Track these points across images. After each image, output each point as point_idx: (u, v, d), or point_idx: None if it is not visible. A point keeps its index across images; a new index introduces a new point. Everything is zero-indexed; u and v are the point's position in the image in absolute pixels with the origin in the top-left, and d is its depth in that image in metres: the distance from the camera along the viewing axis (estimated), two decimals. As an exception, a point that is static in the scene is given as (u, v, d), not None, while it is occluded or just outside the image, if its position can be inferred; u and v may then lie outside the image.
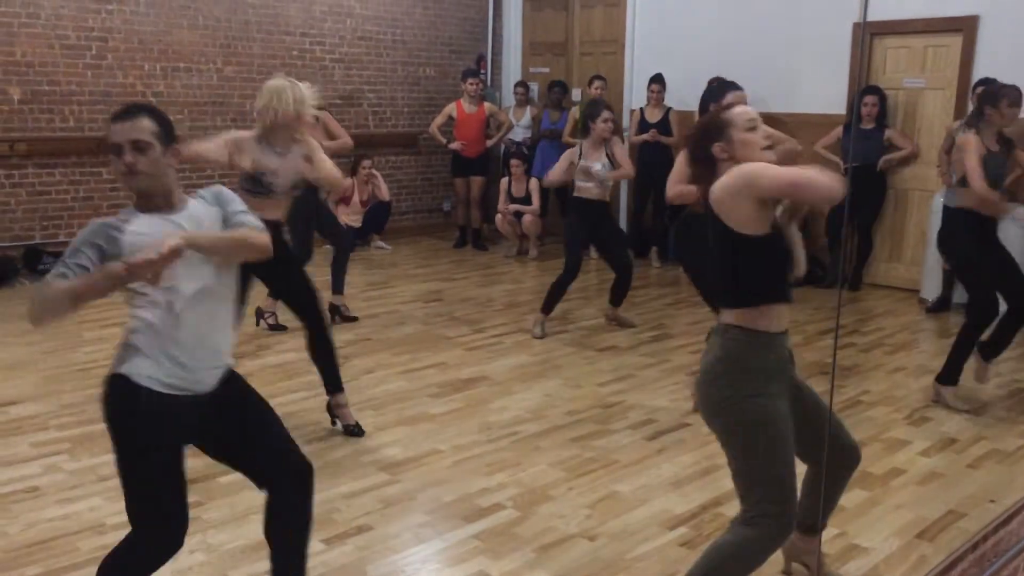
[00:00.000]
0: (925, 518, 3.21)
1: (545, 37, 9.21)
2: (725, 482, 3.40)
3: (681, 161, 3.99)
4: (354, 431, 3.90)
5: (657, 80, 7.58)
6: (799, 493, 2.42)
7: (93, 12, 6.85)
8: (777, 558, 2.63)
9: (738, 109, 2.46)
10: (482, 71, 9.14)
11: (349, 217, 8.28)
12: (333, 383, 3.94)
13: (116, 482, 3.33)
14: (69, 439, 3.77)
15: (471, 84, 8.16)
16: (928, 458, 3.77)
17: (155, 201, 2.27)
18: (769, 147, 2.40)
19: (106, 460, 3.54)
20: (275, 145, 3.75)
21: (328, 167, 3.84)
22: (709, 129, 2.43)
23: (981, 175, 4.12)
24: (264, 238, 2.24)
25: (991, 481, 3.54)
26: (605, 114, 5.41)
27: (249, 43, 7.68)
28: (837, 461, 2.51)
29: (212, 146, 3.72)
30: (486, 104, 8.34)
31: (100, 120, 6.93)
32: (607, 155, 5.46)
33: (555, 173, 5.54)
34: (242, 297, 3.90)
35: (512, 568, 2.85)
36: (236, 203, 2.33)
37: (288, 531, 2.42)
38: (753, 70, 7.40)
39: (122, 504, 2.51)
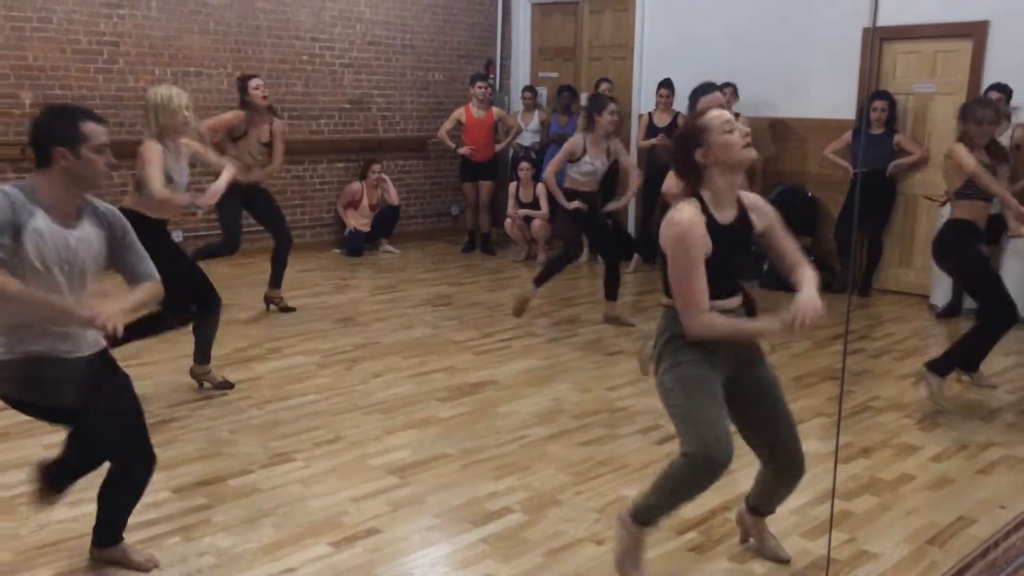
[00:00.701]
0: (936, 524, 3.20)
1: (554, 42, 9.22)
2: (735, 487, 3.41)
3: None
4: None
5: (666, 85, 7.58)
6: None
7: (105, 17, 6.89)
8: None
9: (713, 113, 2.56)
10: (491, 76, 9.16)
11: (358, 221, 8.31)
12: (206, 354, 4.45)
13: (126, 484, 3.35)
14: (80, 441, 3.78)
15: (480, 88, 8.17)
16: (939, 463, 3.75)
17: (75, 203, 2.59)
18: (748, 145, 2.54)
19: (116, 462, 3.57)
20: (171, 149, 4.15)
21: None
22: (688, 138, 2.55)
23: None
24: (158, 288, 2.78)
25: (1002, 487, 3.53)
26: (611, 107, 5.47)
27: (259, 48, 7.71)
28: (781, 467, 2.75)
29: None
30: (495, 109, 8.35)
31: (111, 124, 6.94)
32: (607, 151, 5.51)
33: (555, 164, 5.65)
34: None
35: (520, 572, 2.85)
36: (128, 234, 2.72)
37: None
38: (763, 75, 7.41)
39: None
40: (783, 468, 2.75)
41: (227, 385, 4.47)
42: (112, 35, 6.94)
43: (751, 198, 2.70)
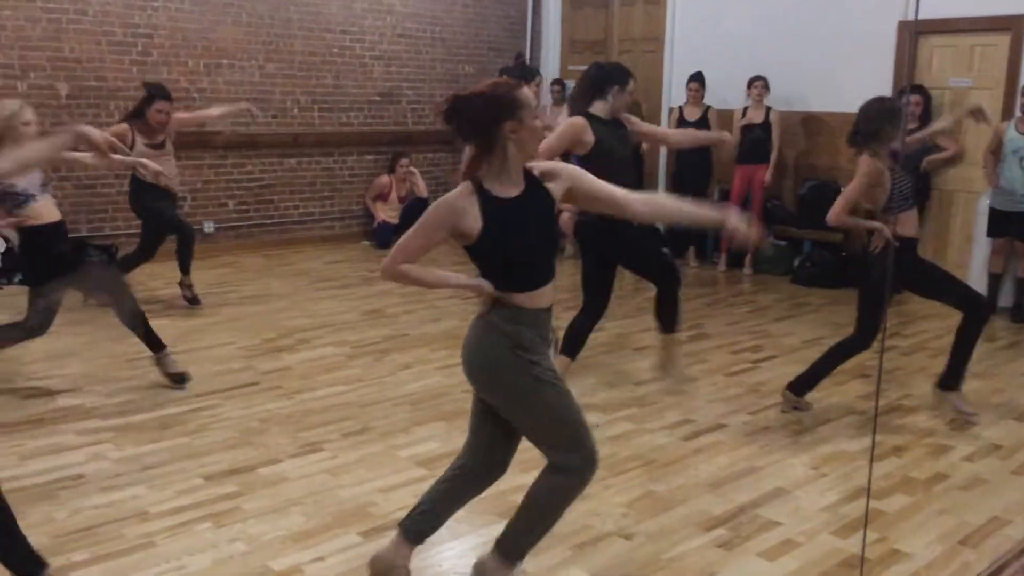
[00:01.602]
0: (969, 524, 3.15)
1: (584, 35, 9.18)
2: (763, 483, 3.39)
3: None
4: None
5: (696, 79, 7.52)
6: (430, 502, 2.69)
7: (139, 9, 6.96)
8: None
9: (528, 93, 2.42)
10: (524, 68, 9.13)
11: (387, 213, 8.34)
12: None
13: (159, 471, 3.41)
14: (114, 428, 3.84)
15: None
16: (972, 463, 3.70)
17: None
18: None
19: (150, 450, 3.62)
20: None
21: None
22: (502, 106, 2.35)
23: None
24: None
25: (1037, 488, 3.48)
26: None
27: (291, 40, 7.76)
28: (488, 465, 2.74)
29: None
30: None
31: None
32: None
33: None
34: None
35: (547, 565, 2.85)
36: None
37: None
38: (795, 69, 7.34)
39: (165, 492, 2.55)
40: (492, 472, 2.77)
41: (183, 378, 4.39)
42: (147, 27, 7.02)
43: (541, 166, 2.51)
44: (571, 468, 2.50)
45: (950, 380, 4.19)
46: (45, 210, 4.06)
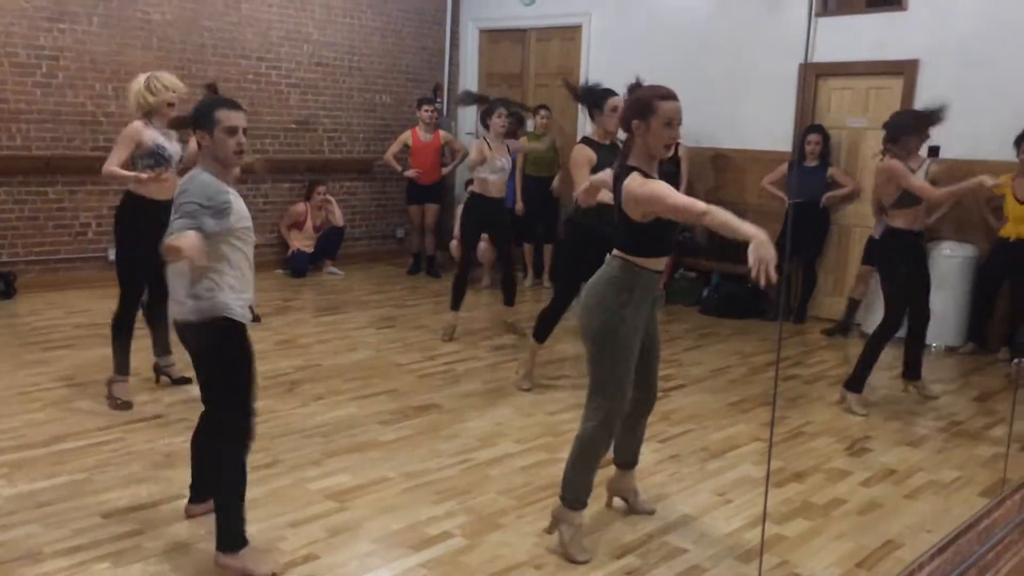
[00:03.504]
0: (865, 547, 3.28)
1: (502, 67, 9.32)
2: (671, 510, 3.46)
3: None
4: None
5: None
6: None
7: (44, 31, 6.76)
8: (600, 493, 3.31)
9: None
10: (438, 99, 9.20)
11: (302, 242, 8.24)
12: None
13: (55, 508, 3.28)
14: (6, 463, 3.68)
15: (426, 112, 8.22)
16: (868, 488, 3.86)
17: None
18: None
19: (45, 486, 3.47)
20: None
21: None
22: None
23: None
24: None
25: (928, 511, 3.64)
26: (500, 110, 6.02)
27: (204, 66, 7.64)
28: (643, 399, 3.28)
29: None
30: (441, 132, 8.39)
31: (48, 139, 6.82)
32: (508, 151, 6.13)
33: (473, 158, 5.99)
34: None
35: (459, 597, 2.84)
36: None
37: None
38: (704, 108, 7.58)
39: (61, 531, 2.45)
40: (646, 402, 3.30)
41: (186, 380, 4.58)
42: (52, 49, 6.81)
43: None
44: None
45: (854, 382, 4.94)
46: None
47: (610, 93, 4.64)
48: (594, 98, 4.65)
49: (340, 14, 8.54)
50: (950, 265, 6.33)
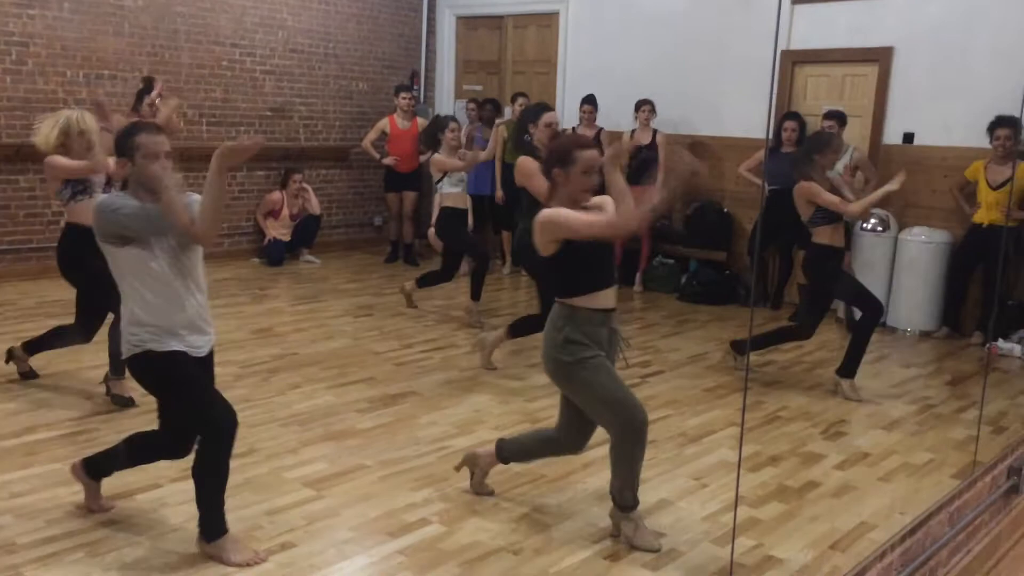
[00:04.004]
0: (838, 530, 3.32)
1: (479, 55, 9.28)
2: (648, 495, 3.48)
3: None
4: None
5: (589, 101, 7.69)
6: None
7: (14, 17, 6.65)
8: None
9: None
10: (415, 87, 9.16)
11: (278, 230, 8.19)
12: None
13: (28, 499, 3.24)
14: (-22, 456, 3.64)
15: (404, 99, 8.18)
16: (842, 471, 3.90)
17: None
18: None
19: (18, 476, 3.44)
20: None
21: None
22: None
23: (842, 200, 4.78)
24: None
25: (901, 493, 3.69)
26: (452, 124, 6.08)
27: (177, 52, 7.55)
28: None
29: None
30: (419, 119, 8.36)
31: (19, 126, 6.72)
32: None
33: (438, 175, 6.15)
34: None
35: (437, 583, 2.85)
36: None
37: None
38: (682, 95, 7.62)
39: (34, 522, 2.43)
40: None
41: (130, 402, 4.28)
42: (22, 35, 6.70)
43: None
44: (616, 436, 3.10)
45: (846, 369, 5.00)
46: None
47: (545, 108, 5.16)
48: (531, 113, 5.15)
49: (315, 0, 8.46)
50: (924, 251, 6.40)
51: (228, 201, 8.09)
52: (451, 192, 6.16)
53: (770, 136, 6.99)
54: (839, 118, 6.51)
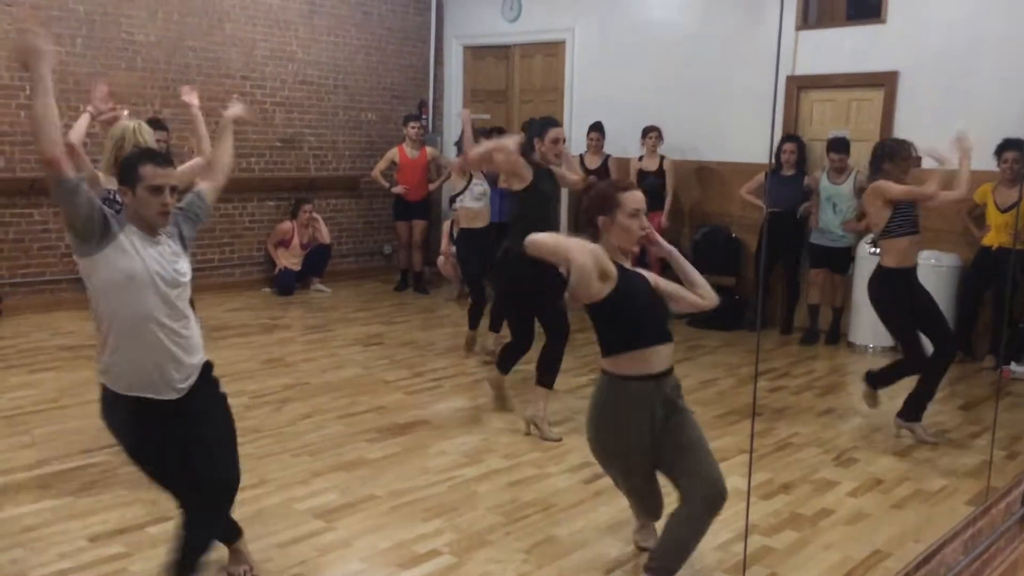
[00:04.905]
0: (852, 558, 3.29)
1: (486, 84, 9.36)
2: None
3: None
4: None
5: (596, 128, 7.75)
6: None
7: (28, 52, 6.74)
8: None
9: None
10: (424, 116, 9.24)
11: (289, 260, 8.24)
12: None
13: (40, 532, 3.25)
14: (-9, 489, 3.65)
15: (412, 128, 8.25)
16: (856, 498, 3.87)
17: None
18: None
19: (30, 510, 3.45)
20: None
21: None
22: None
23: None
24: None
25: (915, 521, 3.65)
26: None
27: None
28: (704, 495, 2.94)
29: None
30: (428, 148, 8.42)
31: (32, 161, 6.80)
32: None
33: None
34: None
35: (448, 615, 2.83)
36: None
37: None
38: (688, 121, 7.66)
39: (46, 555, 2.43)
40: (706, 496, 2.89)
41: None
42: (35, 70, 6.79)
43: None
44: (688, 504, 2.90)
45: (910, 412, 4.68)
46: None
47: (552, 123, 4.87)
48: (537, 128, 4.88)
49: (324, 33, 8.57)
50: (934, 274, 6.36)
51: (239, 231, 8.18)
52: (468, 208, 6.26)
53: (772, 160, 7.02)
54: (846, 150, 6.58)
